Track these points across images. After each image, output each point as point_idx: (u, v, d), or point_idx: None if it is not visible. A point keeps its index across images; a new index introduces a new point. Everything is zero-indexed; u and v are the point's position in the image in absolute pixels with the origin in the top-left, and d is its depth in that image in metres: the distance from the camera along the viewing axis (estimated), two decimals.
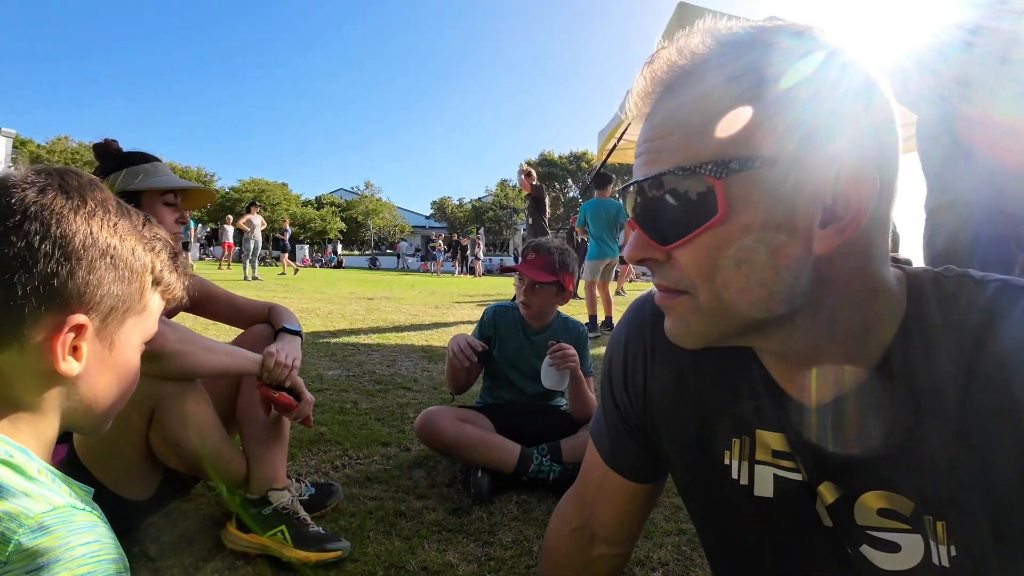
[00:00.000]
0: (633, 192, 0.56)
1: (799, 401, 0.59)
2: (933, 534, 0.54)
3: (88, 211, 0.58)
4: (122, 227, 0.61)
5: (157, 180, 1.47)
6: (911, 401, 0.53)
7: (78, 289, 0.56)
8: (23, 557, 0.46)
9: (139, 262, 0.62)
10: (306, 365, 3.51)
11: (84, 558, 0.49)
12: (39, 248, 0.54)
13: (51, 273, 0.54)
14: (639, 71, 0.56)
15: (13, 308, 0.54)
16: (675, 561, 1.45)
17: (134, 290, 0.62)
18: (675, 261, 0.54)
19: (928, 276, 0.57)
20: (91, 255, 0.57)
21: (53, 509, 0.50)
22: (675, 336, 0.58)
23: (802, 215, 0.49)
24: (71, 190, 0.58)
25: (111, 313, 0.60)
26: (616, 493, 0.79)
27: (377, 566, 1.37)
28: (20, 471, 0.52)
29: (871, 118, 0.50)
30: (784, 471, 0.63)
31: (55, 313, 0.56)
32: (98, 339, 0.60)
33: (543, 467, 1.85)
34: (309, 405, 1.48)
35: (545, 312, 2.13)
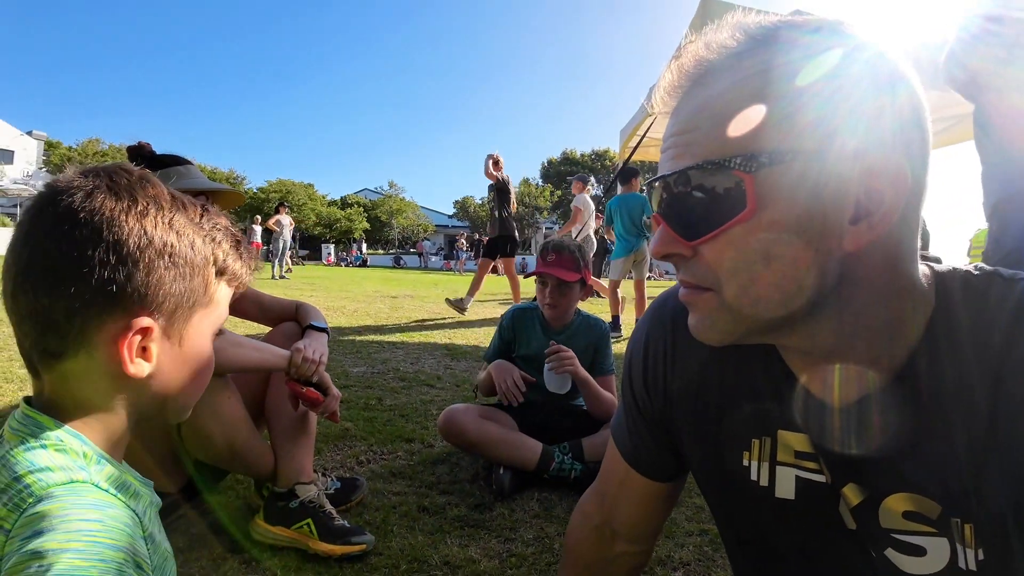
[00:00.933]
0: (660, 187, 0.55)
1: (823, 400, 0.59)
2: (960, 537, 0.53)
3: (140, 210, 0.56)
4: (178, 222, 0.59)
5: (189, 182, 1.51)
6: (938, 402, 0.53)
7: (138, 292, 0.55)
8: (25, 523, 0.47)
9: (199, 256, 0.60)
10: (332, 362, 3.56)
11: (78, 533, 0.47)
12: (93, 255, 0.53)
13: (108, 279, 0.53)
14: (666, 66, 0.56)
15: (75, 316, 0.53)
16: (696, 561, 1.44)
17: (197, 284, 0.60)
18: (701, 257, 0.53)
19: (958, 275, 0.56)
20: (148, 256, 0.55)
21: (69, 482, 0.50)
22: (699, 333, 0.57)
23: (832, 211, 0.49)
24: (120, 189, 0.56)
25: (177, 311, 0.59)
26: (637, 491, 0.79)
27: (400, 560, 1.39)
28: (65, 451, 0.53)
29: (899, 112, 0.49)
30: (807, 472, 0.62)
31: (118, 317, 0.55)
32: (166, 337, 0.59)
33: (565, 465, 1.86)
34: (336, 400, 1.51)
35: (570, 311, 2.14)
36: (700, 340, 0.57)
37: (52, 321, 0.54)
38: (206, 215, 0.63)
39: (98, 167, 0.58)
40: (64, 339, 0.54)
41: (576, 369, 1.94)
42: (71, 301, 0.53)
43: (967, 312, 0.53)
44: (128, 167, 0.59)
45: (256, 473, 1.55)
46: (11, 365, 3.12)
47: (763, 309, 0.52)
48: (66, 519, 0.47)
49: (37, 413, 0.55)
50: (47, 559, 0.44)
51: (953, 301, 0.54)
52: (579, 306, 2.23)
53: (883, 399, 0.55)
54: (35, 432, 0.53)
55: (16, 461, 0.51)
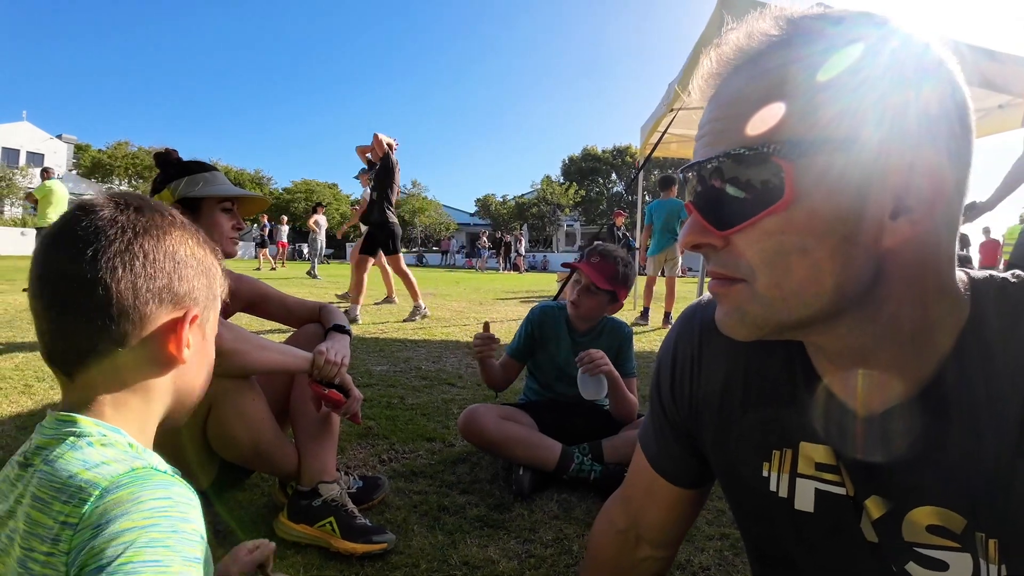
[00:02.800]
0: (693, 175, 0.54)
1: (849, 408, 0.58)
2: (984, 553, 0.51)
3: (168, 225, 0.66)
4: (198, 238, 0.70)
5: (216, 188, 1.55)
6: (967, 413, 0.51)
7: (185, 289, 0.65)
8: (93, 516, 0.50)
9: (213, 266, 0.71)
10: (355, 360, 3.61)
11: (151, 511, 0.51)
12: (156, 260, 0.62)
13: (169, 279, 0.63)
14: (704, 54, 0.55)
15: (136, 310, 0.60)
16: (716, 566, 1.43)
17: (214, 289, 0.71)
18: (733, 247, 0.52)
19: (994, 282, 0.54)
20: (190, 262, 0.66)
21: (132, 470, 0.54)
22: (727, 326, 0.55)
23: (872, 204, 0.47)
24: (151, 210, 0.65)
25: (204, 308, 0.68)
26: (663, 497, 0.79)
27: (420, 559, 1.41)
28: (114, 446, 0.57)
29: (943, 105, 0.48)
30: (827, 484, 0.61)
31: (172, 310, 0.63)
32: (199, 331, 0.68)
33: (584, 466, 1.86)
34: (357, 402, 1.53)
35: (592, 317, 2.12)
36: (728, 334, 0.56)
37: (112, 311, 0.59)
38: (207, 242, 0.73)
39: (122, 195, 0.66)
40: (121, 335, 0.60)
41: (610, 369, 1.92)
42: (138, 297, 0.60)
43: (1001, 322, 0.52)
44: (144, 196, 0.68)
45: (280, 472, 1.58)
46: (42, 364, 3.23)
47: (796, 303, 0.50)
48: (138, 500, 0.51)
49: (70, 415, 0.58)
50: (127, 537, 0.48)
51: (988, 309, 0.52)
52: None
53: (910, 408, 0.54)
54: (76, 432, 0.57)
55: (66, 461, 0.54)
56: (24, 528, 0.52)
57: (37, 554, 0.51)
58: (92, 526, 0.49)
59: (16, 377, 2.92)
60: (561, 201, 40.88)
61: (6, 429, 2.19)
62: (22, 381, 2.85)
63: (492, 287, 12.07)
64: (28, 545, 0.51)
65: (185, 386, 0.68)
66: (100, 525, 0.49)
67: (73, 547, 0.49)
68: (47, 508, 0.52)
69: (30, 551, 0.51)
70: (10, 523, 0.55)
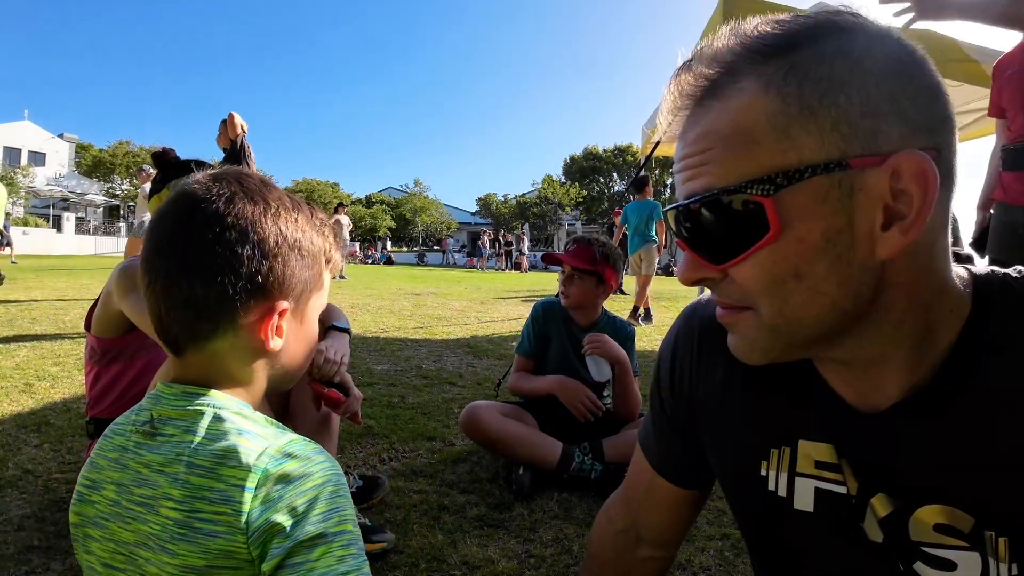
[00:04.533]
0: (678, 213, 0.54)
1: (858, 408, 0.57)
2: (994, 552, 0.51)
3: (274, 212, 0.65)
4: (301, 220, 0.68)
5: None
6: (976, 410, 0.51)
7: (277, 280, 0.64)
8: (274, 478, 0.57)
9: (316, 248, 0.69)
10: (356, 359, 3.61)
11: (322, 472, 0.60)
12: (242, 252, 0.61)
13: (255, 271, 0.62)
14: (665, 85, 0.54)
15: (227, 303, 0.61)
16: (717, 566, 1.43)
17: (315, 272, 0.70)
18: (732, 278, 0.52)
19: (996, 278, 0.54)
20: (283, 251, 0.64)
21: (291, 440, 0.62)
22: (741, 353, 0.56)
23: (861, 219, 0.46)
24: (255, 194, 0.65)
25: (302, 295, 0.68)
26: (663, 498, 0.79)
27: (420, 559, 1.40)
28: (253, 420, 0.63)
29: (921, 105, 0.47)
30: (827, 483, 0.60)
31: (262, 302, 0.64)
32: (293, 317, 0.68)
33: (585, 465, 1.85)
34: (357, 401, 1.52)
35: (584, 304, 2.11)
36: (742, 360, 0.57)
37: (207, 308, 0.62)
38: (315, 212, 0.72)
39: (226, 173, 0.66)
40: (216, 323, 0.62)
41: (617, 354, 1.96)
42: (224, 290, 0.61)
43: (1008, 316, 0.51)
44: (250, 172, 0.68)
45: None
46: (43, 363, 3.24)
47: (799, 327, 0.51)
48: (312, 463, 0.60)
49: (199, 388, 0.63)
50: (319, 491, 0.58)
51: (992, 305, 0.52)
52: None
53: (918, 404, 0.53)
54: (211, 404, 0.62)
55: (218, 432, 0.60)
56: (180, 493, 0.57)
57: (204, 514, 0.56)
58: (277, 488, 0.57)
59: (17, 376, 2.93)
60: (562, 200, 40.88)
61: (7, 428, 2.19)
62: (23, 380, 2.86)
63: (493, 286, 12.07)
64: (191, 507, 0.57)
65: (286, 363, 0.70)
66: (285, 486, 0.57)
67: (250, 509, 0.56)
68: (212, 473, 0.57)
69: (193, 512, 0.57)
70: (138, 490, 0.60)
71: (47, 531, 1.47)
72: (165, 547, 0.57)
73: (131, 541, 0.60)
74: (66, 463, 1.90)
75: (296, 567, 0.54)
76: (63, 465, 1.88)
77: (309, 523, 0.56)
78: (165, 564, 0.57)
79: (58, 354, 3.49)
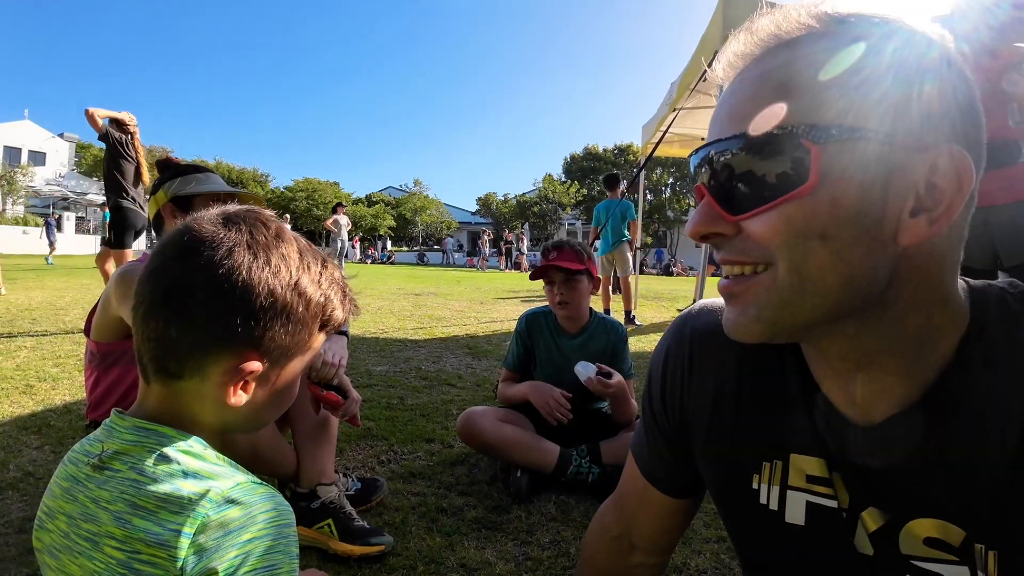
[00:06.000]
0: (709, 155, 0.51)
1: (849, 419, 0.57)
2: (983, 565, 0.51)
3: (273, 270, 0.62)
4: (302, 282, 0.65)
5: (209, 187, 1.56)
6: (970, 423, 0.51)
7: (254, 340, 0.62)
8: (213, 526, 0.56)
9: (311, 312, 0.66)
10: (356, 360, 3.62)
11: (265, 524, 0.58)
12: (224, 304, 0.60)
13: (232, 327, 0.60)
14: (735, 35, 0.54)
15: (196, 350, 0.61)
16: (713, 569, 1.43)
17: (303, 337, 0.67)
18: (746, 234, 0.50)
19: (993, 292, 0.54)
20: (269, 314, 0.62)
21: (237, 485, 0.59)
22: (740, 326, 0.53)
23: (894, 198, 0.47)
24: (258, 247, 0.62)
25: (280, 358, 0.66)
26: (655, 506, 0.79)
27: (418, 561, 1.41)
28: (203, 459, 0.61)
29: (968, 119, 0.48)
30: (818, 497, 0.60)
31: (232, 357, 0.62)
32: (265, 377, 0.65)
33: (582, 468, 1.86)
34: (356, 404, 1.54)
35: (583, 308, 2.11)
36: (738, 337, 0.54)
37: (175, 349, 0.61)
38: (325, 270, 0.69)
39: (242, 216, 0.64)
40: (182, 365, 0.61)
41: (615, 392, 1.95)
42: (196, 337, 0.60)
43: (1003, 332, 0.51)
44: (267, 221, 0.66)
45: (278, 474, 1.59)
46: (44, 364, 3.25)
47: (814, 293, 0.49)
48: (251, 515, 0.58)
49: (152, 424, 0.62)
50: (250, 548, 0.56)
51: (989, 319, 0.52)
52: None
53: (911, 417, 0.53)
54: (161, 440, 0.61)
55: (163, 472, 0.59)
56: (121, 532, 0.57)
57: (143, 555, 0.56)
58: (214, 538, 0.55)
59: (18, 377, 2.94)
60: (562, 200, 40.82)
61: (7, 429, 2.20)
62: (23, 381, 2.86)
63: (493, 286, 12.07)
64: (132, 548, 0.56)
65: (251, 415, 0.68)
66: (221, 537, 0.55)
67: (190, 555, 0.55)
68: (153, 517, 0.56)
69: (135, 552, 0.56)
70: (85, 525, 0.59)
71: None
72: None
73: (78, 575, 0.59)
74: None
75: None
76: None
77: None
78: None
79: (58, 355, 3.50)
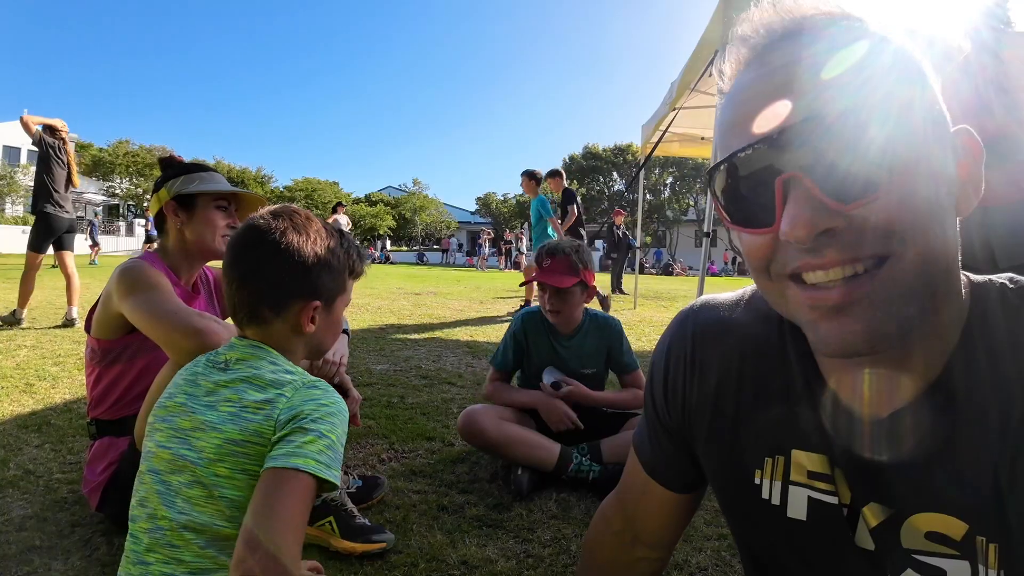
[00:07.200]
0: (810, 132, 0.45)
1: (854, 414, 0.57)
2: (984, 558, 0.51)
3: (312, 240, 0.97)
4: (332, 245, 1.00)
5: (212, 186, 1.56)
6: (972, 416, 0.51)
7: (312, 287, 0.97)
8: (304, 394, 0.88)
9: (343, 265, 1.02)
10: (356, 359, 3.62)
11: (335, 402, 0.90)
12: (291, 268, 0.94)
13: (300, 281, 0.96)
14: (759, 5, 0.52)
15: (281, 299, 0.95)
16: (714, 566, 1.43)
17: (340, 282, 1.03)
18: (864, 222, 0.45)
19: (993, 286, 0.54)
20: (318, 268, 0.97)
21: (317, 380, 0.93)
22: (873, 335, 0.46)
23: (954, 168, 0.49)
24: (300, 227, 0.96)
25: (330, 296, 1.01)
26: (657, 501, 0.79)
27: (419, 558, 1.41)
28: (295, 370, 0.94)
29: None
30: (819, 493, 0.60)
31: (302, 300, 0.96)
32: (323, 311, 1.00)
33: (583, 466, 1.86)
34: (356, 403, 1.53)
35: (574, 316, 2.10)
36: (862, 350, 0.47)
37: (264, 303, 0.95)
38: (343, 239, 1.04)
39: (282, 210, 0.99)
40: (272, 311, 0.95)
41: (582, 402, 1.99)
42: (278, 292, 0.95)
43: (1007, 325, 0.51)
44: (298, 209, 1.01)
45: None
46: (44, 363, 3.25)
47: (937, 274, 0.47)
48: (327, 393, 0.91)
49: (260, 344, 0.95)
50: (327, 407, 0.88)
51: (990, 313, 0.52)
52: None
53: (916, 410, 0.53)
54: (268, 354, 0.94)
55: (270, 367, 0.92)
56: (237, 397, 0.88)
57: (250, 408, 0.86)
58: (301, 398, 0.87)
59: (17, 376, 2.93)
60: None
61: (7, 428, 2.20)
62: (23, 380, 2.86)
63: (493, 286, 12.06)
64: (242, 404, 0.87)
65: (318, 341, 1.03)
66: (306, 399, 0.87)
67: (286, 407, 0.86)
68: (262, 390, 0.88)
69: (244, 407, 0.87)
70: (204, 397, 0.90)
71: (48, 531, 1.48)
72: (216, 427, 0.85)
73: (188, 427, 0.87)
74: (67, 463, 1.91)
75: (288, 442, 0.82)
76: (64, 465, 1.89)
77: (312, 423, 0.84)
78: (214, 438, 0.85)
79: (58, 354, 3.50)
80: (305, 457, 0.80)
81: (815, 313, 0.49)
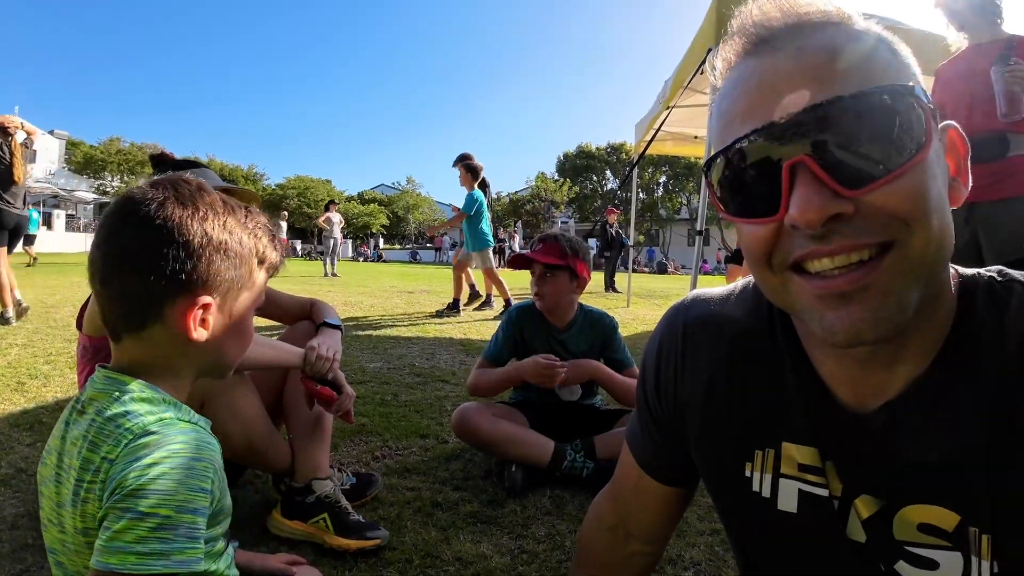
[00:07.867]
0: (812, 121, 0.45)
1: (844, 407, 0.57)
2: (976, 549, 0.51)
3: (201, 215, 0.72)
4: (230, 223, 0.75)
5: None
6: (961, 408, 0.52)
7: (201, 278, 0.72)
8: (130, 452, 0.65)
9: (245, 249, 0.77)
10: (349, 357, 3.61)
11: (179, 445, 0.67)
12: (168, 252, 0.69)
13: (179, 270, 0.70)
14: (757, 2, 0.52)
15: (153, 296, 0.70)
16: (707, 561, 1.45)
17: (244, 272, 0.77)
18: (869, 209, 0.45)
19: (982, 279, 0.55)
20: (208, 251, 0.72)
21: (160, 420, 0.69)
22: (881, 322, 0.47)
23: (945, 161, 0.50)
24: (185, 199, 0.72)
25: (229, 291, 0.76)
26: (650, 495, 0.80)
27: (414, 555, 1.42)
28: (149, 401, 0.71)
29: None
30: (809, 486, 0.60)
31: (186, 296, 0.71)
32: (220, 311, 0.75)
33: (576, 463, 1.87)
34: (350, 399, 1.53)
35: (560, 302, 2.08)
36: (872, 338, 0.48)
37: (136, 302, 0.71)
38: (250, 215, 0.79)
39: (164, 179, 0.74)
40: (144, 315, 0.71)
41: (583, 373, 1.96)
42: (152, 286, 0.70)
43: (993, 318, 0.52)
44: (188, 179, 0.75)
45: (274, 468, 1.59)
46: (35, 361, 3.22)
47: (937, 262, 0.48)
48: (167, 437, 0.67)
49: (116, 374, 0.73)
50: (149, 471, 0.64)
51: (978, 304, 0.53)
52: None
53: (907, 401, 0.54)
54: (120, 387, 0.71)
55: (112, 411, 0.68)
56: (78, 464, 0.67)
57: (86, 484, 0.66)
58: (125, 461, 0.64)
59: (9, 375, 2.91)
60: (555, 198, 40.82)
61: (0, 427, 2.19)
62: (15, 379, 2.84)
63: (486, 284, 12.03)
64: (81, 477, 0.66)
65: (214, 352, 0.78)
66: (131, 461, 0.64)
67: (109, 476, 0.64)
68: (97, 449, 0.66)
69: (81, 482, 0.66)
70: (66, 460, 0.70)
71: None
72: (69, 508, 0.68)
73: (57, 501, 0.70)
74: None
75: (104, 529, 0.63)
76: None
77: (130, 499, 0.62)
78: (74, 519, 0.67)
79: (49, 352, 3.47)
80: (119, 553, 0.60)
81: (821, 302, 0.48)
